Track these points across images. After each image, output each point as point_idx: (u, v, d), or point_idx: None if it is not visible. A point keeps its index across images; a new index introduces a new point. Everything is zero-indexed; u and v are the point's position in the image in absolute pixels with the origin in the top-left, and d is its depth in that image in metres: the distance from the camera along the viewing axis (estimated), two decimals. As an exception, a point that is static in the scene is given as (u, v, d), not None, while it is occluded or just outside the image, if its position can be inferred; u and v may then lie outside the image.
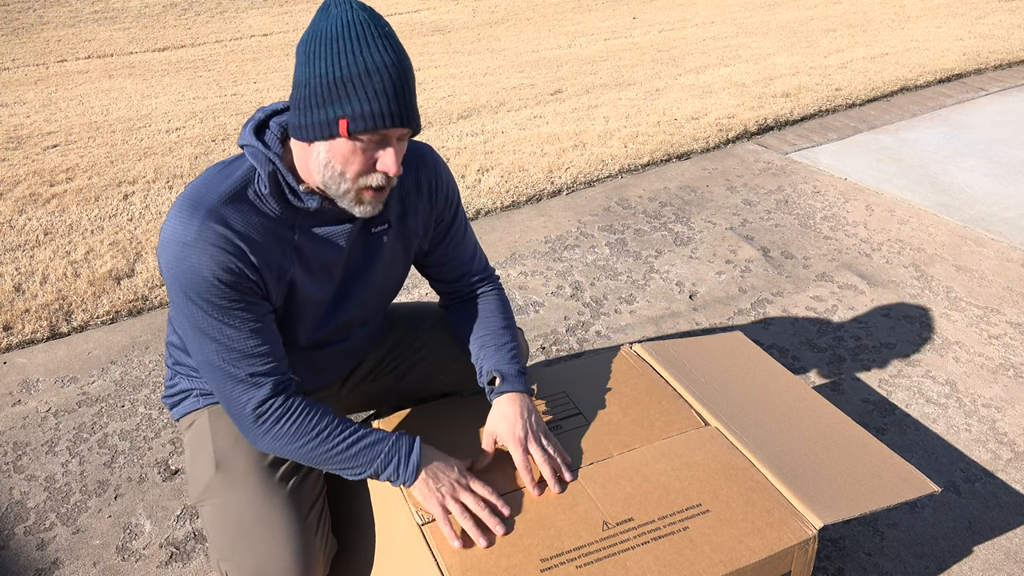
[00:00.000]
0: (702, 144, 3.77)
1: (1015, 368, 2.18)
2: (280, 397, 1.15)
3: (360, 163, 1.06)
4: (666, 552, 1.12)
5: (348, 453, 1.17)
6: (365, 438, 1.18)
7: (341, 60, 1.00)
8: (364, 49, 1.00)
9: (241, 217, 1.09)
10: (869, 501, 1.25)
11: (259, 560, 1.17)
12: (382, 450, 1.18)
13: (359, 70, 1.00)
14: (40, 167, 3.50)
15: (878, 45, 5.61)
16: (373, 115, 1.01)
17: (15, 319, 2.37)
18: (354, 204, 1.11)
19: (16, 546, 1.63)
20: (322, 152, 1.06)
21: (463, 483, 1.19)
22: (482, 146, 3.76)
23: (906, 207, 3.16)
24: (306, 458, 1.17)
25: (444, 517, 1.15)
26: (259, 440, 1.16)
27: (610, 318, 2.41)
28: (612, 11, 7.27)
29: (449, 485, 1.18)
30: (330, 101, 1.02)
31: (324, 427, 1.16)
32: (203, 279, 1.07)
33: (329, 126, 1.03)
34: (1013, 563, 1.59)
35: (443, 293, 1.48)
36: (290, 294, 1.19)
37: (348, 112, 1.01)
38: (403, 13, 7.24)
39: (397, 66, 1.02)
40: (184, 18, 7.00)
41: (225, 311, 1.10)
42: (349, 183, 1.08)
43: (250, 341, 1.12)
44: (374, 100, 1.01)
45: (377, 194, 1.10)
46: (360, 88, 1.00)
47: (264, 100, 4.57)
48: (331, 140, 1.05)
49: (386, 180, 1.09)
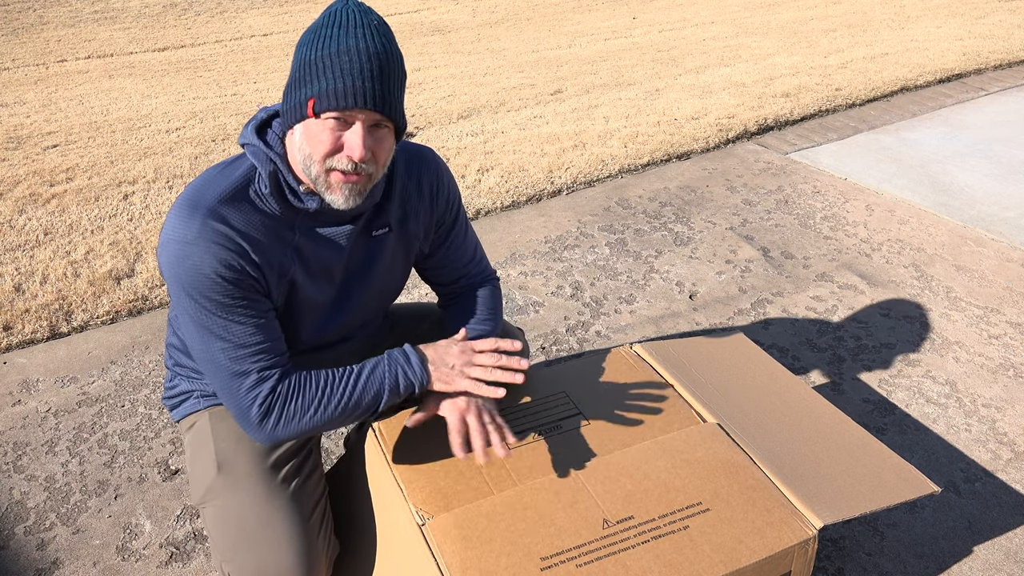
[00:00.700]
0: (702, 144, 3.77)
1: (1015, 368, 2.18)
2: (280, 390, 1.13)
3: (325, 143, 1.04)
4: (666, 551, 1.12)
5: (356, 394, 1.16)
6: (362, 373, 1.17)
7: (318, 44, 1.02)
8: (343, 35, 1.01)
9: (241, 216, 1.09)
10: (869, 501, 1.25)
11: (261, 562, 1.17)
12: (383, 371, 1.17)
13: (330, 51, 1.01)
14: (40, 167, 3.50)
15: (878, 45, 5.61)
16: (337, 92, 1.00)
17: (15, 319, 2.37)
18: (326, 190, 1.08)
19: (16, 546, 1.63)
20: (297, 135, 1.06)
21: (469, 358, 1.21)
22: (482, 146, 3.76)
23: (906, 207, 3.16)
24: (321, 425, 1.15)
25: (476, 389, 1.18)
26: (270, 436, 1.14)
27: (610, 318, 2.41)
28: (612, 11, 7.27)
29: (459, 364, 1.20)
30: (303, 83, 1.03)
31: (323, 388, 1.14)
32: (205, 277, 1.07)
33: (301, 107, 1.03)
34: (1013, 563, 1.59)
35: (441, 294, 1.48)
36: (290, 294, 1.19)
37: (315, 90, 1.01)
38: (403, 13, 7.24)
39: (372, 50, 1.01)
40: (184, 18, 7.00)
41: (228, 308, 1.09)
42: (317, 165, 1.05)
43: (254, 337, 1.12)
44: (339, 79, 1.00)
45: (346, 178, 1.06)
46: (330, 68, 1.00)
47: (264, 100, 4.57)
48: (303, 122, 1.04)
49: (353, 166, 1.05)
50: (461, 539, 1.14)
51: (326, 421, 1.15)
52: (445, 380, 1.19)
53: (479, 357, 1.21)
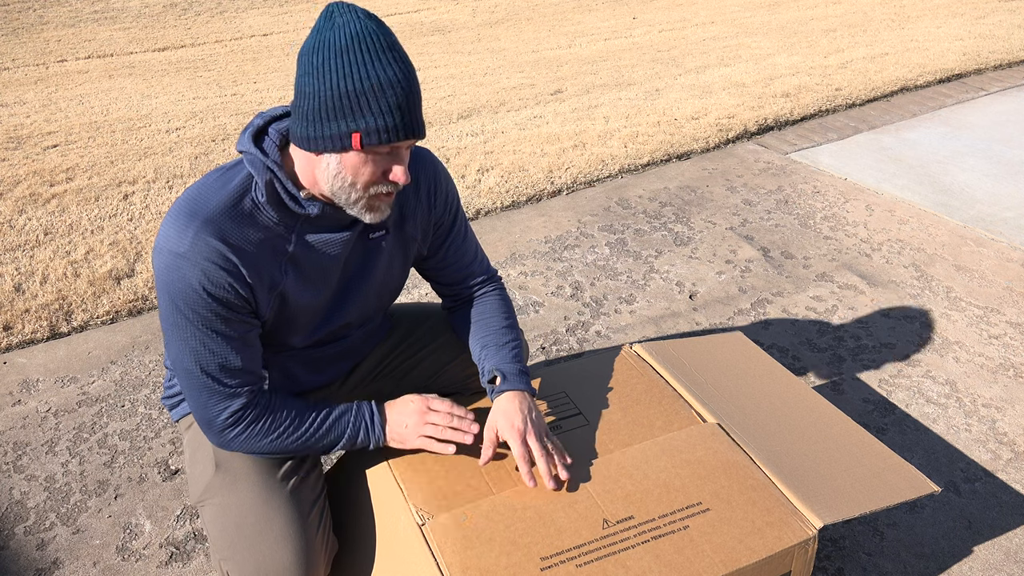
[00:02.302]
0: (702, 144, 3.77)
1: (1015, 368, 2.18)
2: (251, 407, 1.18)
3: (371, 174, 1.08)
4: (666, 551, 1.12)
5: (318, 435, 1.23)
6: (330, 416, 1.24)
7: (353, 74, 1.01)
8: (375, 63, 1.01)
9: (236, 228, 1.10)
10: (869, 501, 1.25)
11: (260, 560, 1.17)
12: (348, 421, 1.25)
13: (371, 84, 1.01)
14: (40, 167, 3.50)
15: (878, 45, 5.61)
16: (387, 129, 1.04)
17: (15, 319, 2.37)
18: (365, 211, 1.13)
19: (16, 546, 1.63)
20: (332, 163, 1.08)
21: (422, 417, 1.27)
22: (482, 146, 3.76)
23: (906, 207, 3.16)
24: (277, 452, 1.22)
25: (429, 447, 1.26)
26: (228, 445, 1.20)
27: (610, 318, 2.41)
28: (612, 11, 7.27)
29: (412, 424, 1.27)
30: (342, 115, 1.03)
31: (293, 419, 1.21)
32: (192, 290, 1.08)
33: (342, 139, 1.04)
34: (1013, 563, 1.59)
35: (445, 296, 1.48)
36: (283, 304, 1.19)
37: (362, 127, 1.03)
38: (403, 13, 7.24)
39: (407, 79, 1.04)
40: (184, 18, 7.00)
41: (210, 323, 1.11)
42: (360, 192, 1.10)
43: (231, 356, 1.14)
44: (387, 115, 1.03)
45: (387, 198, 1.14)
46: (374, 103, 1.02)
47: (264, 100, 4.57)
48: (343, 152, 1.06)
49: (395, 187, 1.12)
50: (461, 539, 1.14)
51: (282, 450, 1.22)
52: (399, 440, 1.28)
53: (431, 416, 1.28)
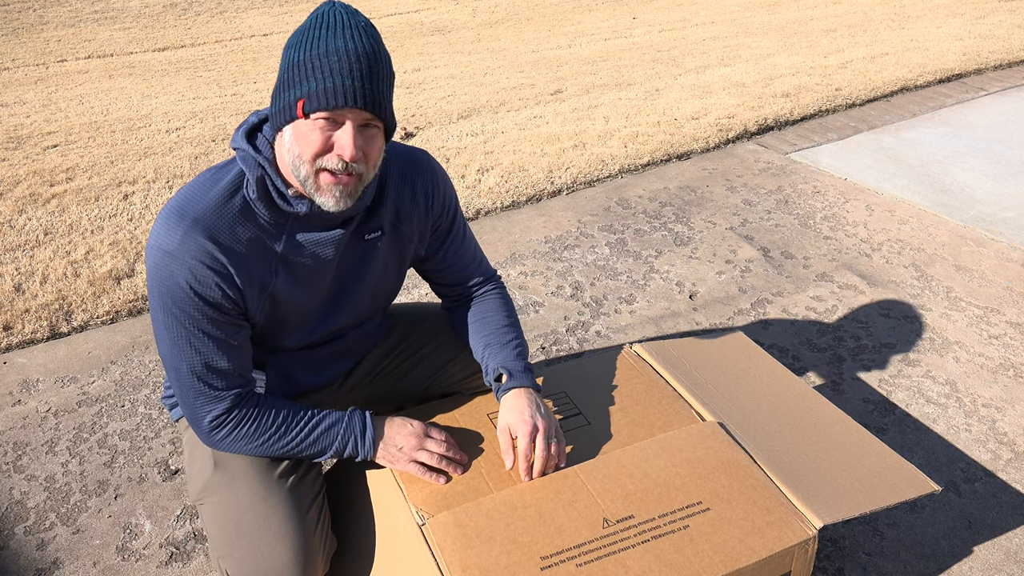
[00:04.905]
0: (702, 144, 3.77)
1: (1015, 368, 2.18)
2: (237, 409, 1.18)
3: (315, 143, 1.04)
4: (666, 551, 1.12)
5: (307, 442, 1.22)
6: (320, 425, 1.23)
7: (306, 45, 1.02)
8: (331, 35, 1.02)
9: (226, 227, 1.09)
10: (869, 501, 1.25)
11: (258, 557, 1.17)
12: (338, 432, 1.24)
13: (319, 52, 1.01)
14: (40, 167, 3.50)
15: (878, 45, 5.61)
16: (327, 92, 1.01)
17: (15, 319, 2.37)
18: (315, 191, 1.08)
19: (16, 546, 1.63)
20: (287, 137, 1.06)
21: (419, 443, 1.25)
22: (482, 146, 3.76)
23: (906, 207, 3.16)
24: (263, 455, 1.22)
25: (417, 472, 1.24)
26: (215, 445, 1.21)
27: (610, 318, 2.41)
28: (612, 11, 7.27)
29: (407, 447, 1.25)
30: (292, 84, 1.03)
31: (280, 424, 1.20)
32: (180, 289, 1.08)
33: (290, 108, 1.04)
34: (1013, 563, 1.59)
35: (445, 296, 1.48)
36: (274, 304, 1.19)
37: (305, 91, 1.02)
38: (403, 13, 7.24)
39: (360, 50, 1.02)
40: (184, 18, 7.00)
41: (197, 323, 1.11)
42: (307, 165, 1.05)
43: (217, 357, 1.14)
44: (329, 78, 1.01)
45: (336, 179, 1.06)
46: (318, 68, 1.01)
47: (264, 100, 4.57)
48: (293, 123, 1.05)
49: (343, 165, 1.05)
50: (461, 538, 1.14)
51: (270, 454, 1.22)
52: (389, 460, 1.26)
53: (429, 443, 1.26)
